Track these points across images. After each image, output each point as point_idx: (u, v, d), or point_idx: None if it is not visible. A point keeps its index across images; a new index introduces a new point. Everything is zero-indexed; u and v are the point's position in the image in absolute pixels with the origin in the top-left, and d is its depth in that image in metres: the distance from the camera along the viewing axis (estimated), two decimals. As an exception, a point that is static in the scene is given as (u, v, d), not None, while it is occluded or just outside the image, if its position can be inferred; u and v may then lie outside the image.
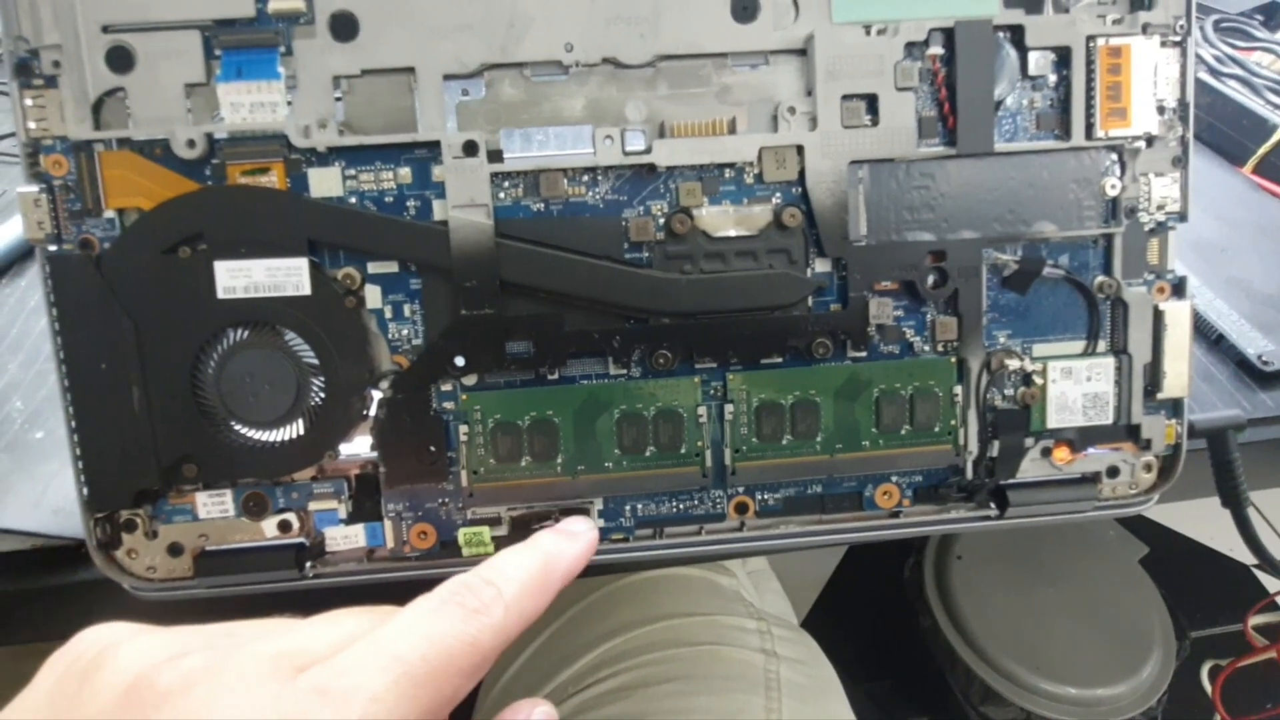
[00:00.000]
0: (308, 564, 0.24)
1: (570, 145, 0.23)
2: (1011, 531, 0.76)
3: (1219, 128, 0.44)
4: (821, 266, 0.24)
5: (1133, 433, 0.26)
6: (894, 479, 0.26)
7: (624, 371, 0.24)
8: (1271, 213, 0.40)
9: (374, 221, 0.23)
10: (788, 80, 0.24)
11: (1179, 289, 0.25)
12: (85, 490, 0.23)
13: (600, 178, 0.24)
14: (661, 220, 0.24)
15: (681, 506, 0.25)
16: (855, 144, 0.24)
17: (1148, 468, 0.26)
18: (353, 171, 0.23)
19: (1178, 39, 0.24)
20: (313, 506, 0.24)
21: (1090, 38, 0.24)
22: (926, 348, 0.25)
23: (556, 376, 0.24)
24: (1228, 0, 0.58)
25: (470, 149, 0.23)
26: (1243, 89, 0.43)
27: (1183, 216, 0.25)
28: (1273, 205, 0.40)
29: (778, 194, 0.24)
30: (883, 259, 0.24)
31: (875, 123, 0.24)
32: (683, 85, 0.24)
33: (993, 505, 0.26)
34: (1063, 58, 0.24)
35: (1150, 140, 0.25)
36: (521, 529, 0.25)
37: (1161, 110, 0.25)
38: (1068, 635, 0.71)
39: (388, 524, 0.24)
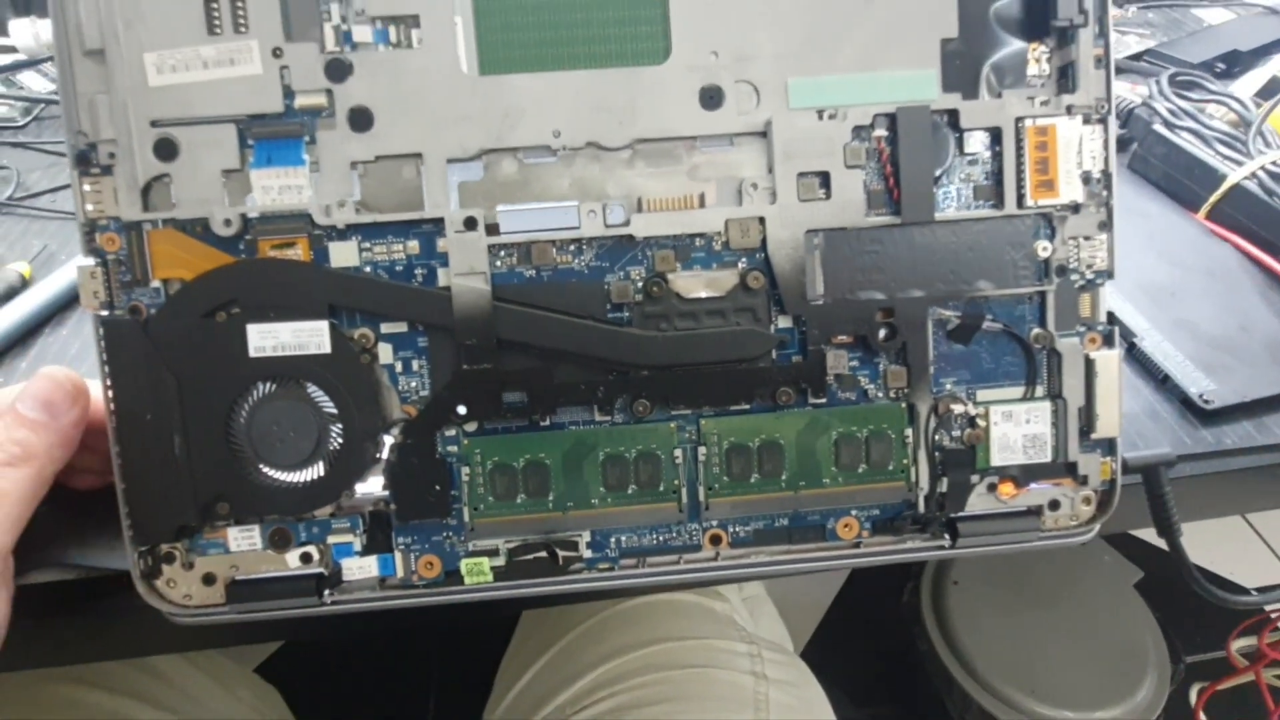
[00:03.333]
0: (326, 592, 0.27)
1: (558, 219, 0.26)
2: (1007, 557, 0.77)
3: (1175, 176, 0.47)
4: (783, 323, 0.27)
5: (1071, 469, 0.28)
6: (853, 512, 0.28)
7: (608, 418, 0.27)
8: (1221, 257, 0.42)
9: (386, 288, 0.26)
10: (750, 159, 0.27)
11: (1109, 339, 0.28)
12: (130, 527, 0.26)
13: (585, 247, 0.27)
14: (639, 284, 0.27)
15: (661, 538, 0.28)
16: (811, 215, 0.27)
17: (1086, 501, 0.29)
18: (368, 244, 0.26)
19: (1100, 117, 0.27)
20: (331, 540, 0.27)
21: (1019, 119, 0.27)
22: (880, 394, 0.28)
23: (548, 423, 0.27)
24: (1190, 47, 0.61)
25: (470, 224, 0.26)
26: (1195, 140, 0.46)
27: (1110, 274, 0.28)
28: (1223, 250, 0.43)
29: (743, 259, 0.27)
30: (838, 316, 0.27)
31: (828, 196, 0.27)
32: (657, 164, 0.27)
33: (945, 536, 0.28)
34: (995, 136, 0.27)
35: (1077, 208, 0.27)
36: (517, 560, 0.27)
37: (1087, 180, 0.27)
38: (1063, 659, 0.72)
39: (398, 555, 0.27)
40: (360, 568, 0.27)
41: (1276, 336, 0.37)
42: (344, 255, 0.26)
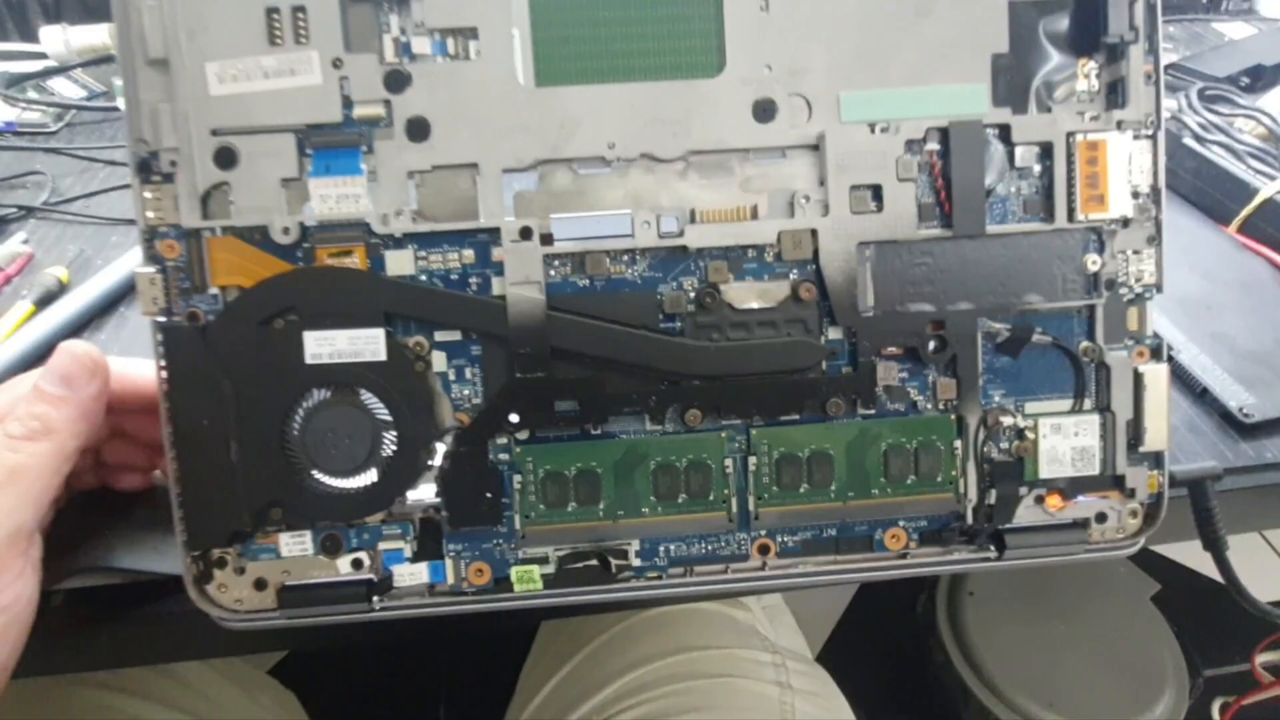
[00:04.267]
0: (376, 598, 0.27)
1: (612, 229, 0.27)
2: (1022, 568, 0.77)
3: (1206, 190, 0.47)
4: (834, 334, 0.27)
5: (1118, 482, 0.28)
6: (901, 523, 0.28)
7: (659, 427, 0.27)
8: (1255, 270, 0.43)
9: (441, 297, 0.26)
10: (803, 172, 0.27)
11: (1157, 352, 0.28)
12: (184, 531, 0.26)
13: (638, 257, 0.27)
14: (692, 294, 0.27)
15: (710, 548, 0.28)
16: (862, 227, 0.27)
17: (1133, 514, 0.29)
18: (424, 253, 0.26)
19: (1149, 133, 0.28)
20: (382, 546, 0.27)
21: (1070, 134, 0.27)
22: (929, 406, 0.28)
23: (599, 432, 0.27)
24: (1216, 61, 0.61)
25: (526, 234, 0.26)
26: (1226, 154, 0.46)
27: (1159, 288, 0.28)
28: (1256, 263, 0.43)
29: (795, 271, 0.27)
30: (888, 328, 0.27)
31: (880, 209, 0.27)
32: (711, 176, 0.27)
33: (992, 548, 0.28)
34: (1045, 151, 0.27)
35: (1126, 222, 0.28)
36: (567, 568, 0.27)
37: (1136, 195, 0.28)
38: (1080, 672, 0.72)
39: (448, 562, 0.27)
40: (410, 574, 0.27)
41: (1313, 351, 0.38)
42: (400, 264, 0.26)
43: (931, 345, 0.27)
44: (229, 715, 0.47)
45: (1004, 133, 0.27)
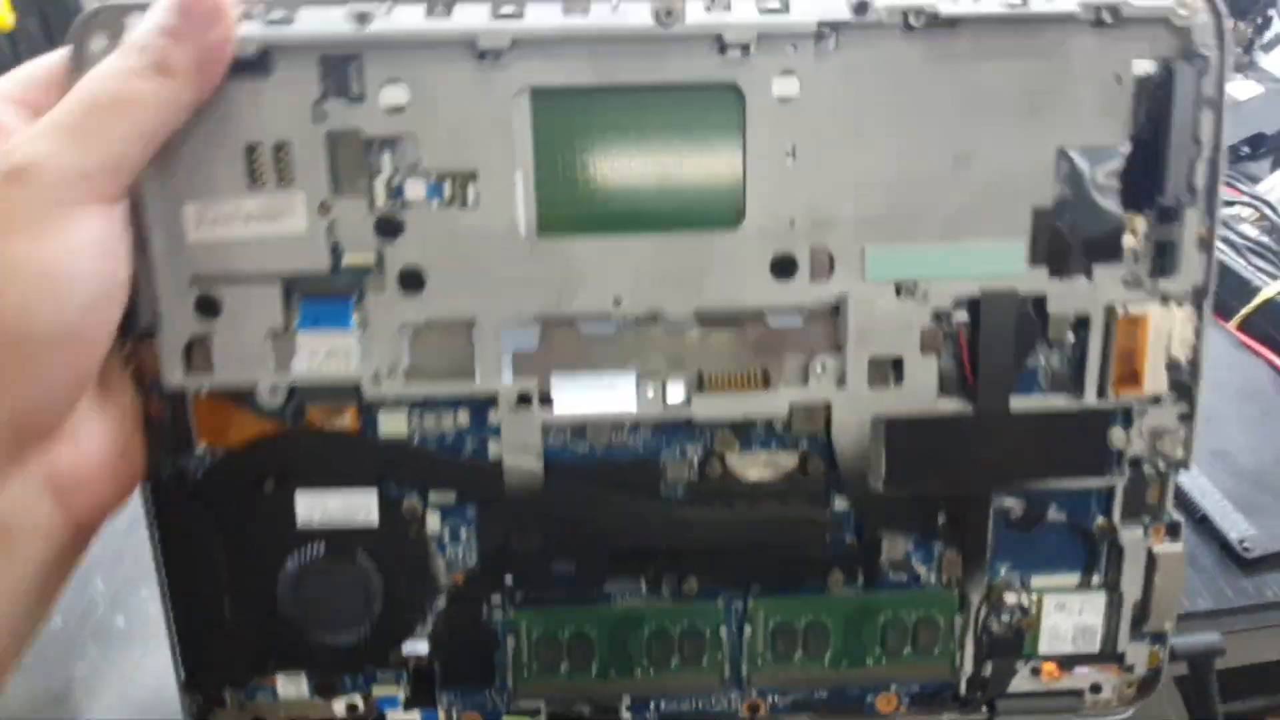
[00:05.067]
0: (370, 740, 0.24)
1: (615, 398, 0.22)
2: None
3: (1210, 280, 0.41)
4: (840, 504, 0.23)
5: (1118, 657, 0.24)
6: (893, 688, 0.24)
7: (655, 594, 0.23)
8: (1255, 374, 0.37)
9: (435, 460, 0.22)
10: (821, 335, 0.22)
11: (1174, 530, 0.24)
12: (182, 674, 0.23)
13: (641, 425, 0.22)
14: (696, 462, 0.22)
15: (701, 705, 0.24)
16: (879, 400, 0.22)
17: (1129, 685, 0.25)
18: (417, 414, 0.22)
19: (1196, 302, 0.22)
20: (376, 691, 0.24)
21: (1109, 308, 0.22)
22: (933, 578, 0.24)
23: (594, 596, 0.23)
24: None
25: (524, 399, 0.22)
26: (1227, 249, 0.40)
27: (1185, 465, 0.23)
28: (1256, 365, 0.37)
29: (804, 442, 0.22)
30: (899, 506, 0.23)
31: (900, 381, 0.22)
32: (722, 336, 0.22)
33: (984, 709, 0.25)
34: (1081, 322, 0.22)
35: (1158, 399, 0.23)
36: (558, 722, 0.24)
37: (1173, 368, 0.22)
38: None
39: (441, 711, 0.24)
40: None
41: (1311, 471, 0.33)
42: (393, 424, 0.22)
43: (941, 519, 0.23)
44: None
45: (1039, 304, 0.22)
